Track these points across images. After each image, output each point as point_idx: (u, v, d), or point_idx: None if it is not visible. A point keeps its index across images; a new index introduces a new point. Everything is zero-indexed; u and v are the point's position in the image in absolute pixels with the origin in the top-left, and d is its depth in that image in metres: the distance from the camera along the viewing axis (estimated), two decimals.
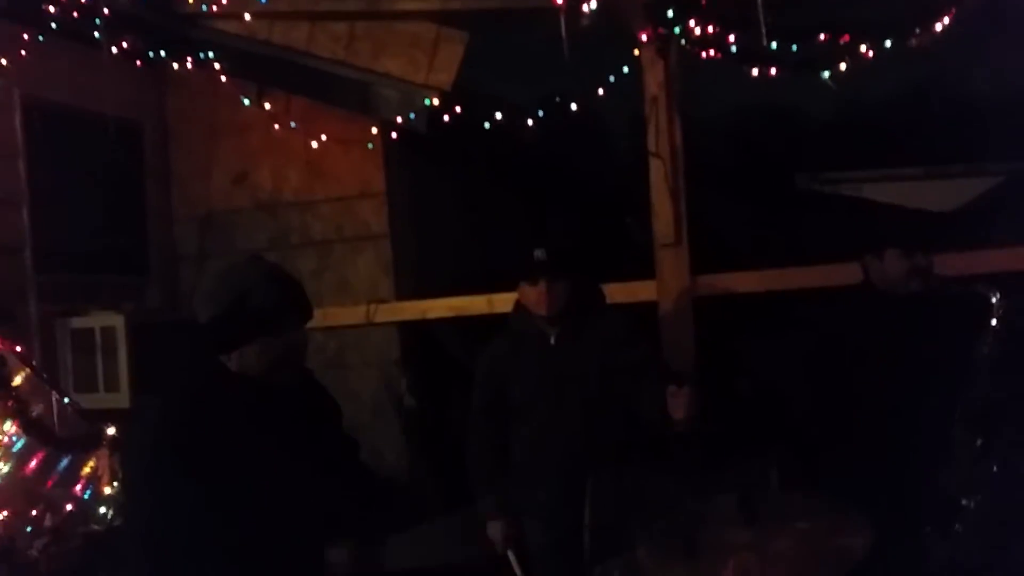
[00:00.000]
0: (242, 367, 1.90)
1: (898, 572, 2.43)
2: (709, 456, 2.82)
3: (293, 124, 3.85)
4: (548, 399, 2.79)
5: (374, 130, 3.80)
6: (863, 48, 3.01)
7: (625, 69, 3.40)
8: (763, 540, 1.82)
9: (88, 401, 3.44)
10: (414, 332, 3.99)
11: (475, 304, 3.77)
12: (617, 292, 3.52)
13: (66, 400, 3.11)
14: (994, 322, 2.35)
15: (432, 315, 3.89)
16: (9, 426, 2.83)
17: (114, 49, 3.58)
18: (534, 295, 2.75)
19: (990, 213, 3.19)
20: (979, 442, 2.38)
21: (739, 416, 3.31)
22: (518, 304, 2.90)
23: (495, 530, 2.86)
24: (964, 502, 2.36)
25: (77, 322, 3.64)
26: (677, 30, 3.23)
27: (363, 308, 3.89)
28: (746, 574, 1.76)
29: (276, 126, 3.91)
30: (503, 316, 3.03)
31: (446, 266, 4.09)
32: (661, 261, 3.55)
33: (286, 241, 4.06)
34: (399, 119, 3.62)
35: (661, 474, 2.55)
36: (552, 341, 2.82)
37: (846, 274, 3.22)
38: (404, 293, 3.98)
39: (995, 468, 2.36)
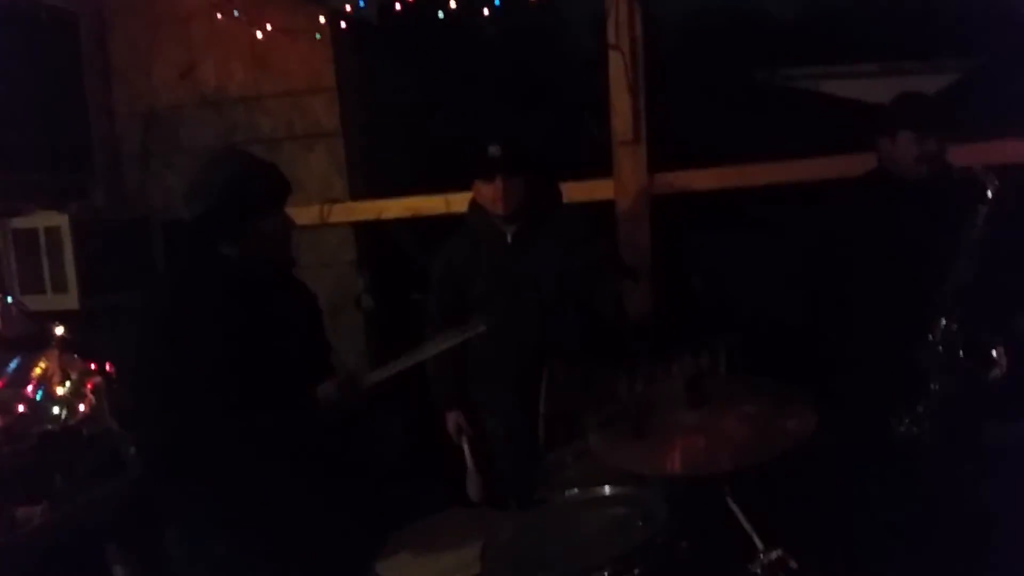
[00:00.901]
0: (243, 252, 1.95)
1: (862, 450, 2.54)
2: (661, 348, 2.87)
3: (236, 13, 3.67)
4: (506, 296, 2.79)
5: (322, 19, 3.64)
6: None
7: None
8: (710, 422, 1.87)
9: (36, 302, 3.37)
10: (370, 232, 3.94)
11: (431, 204, 3.72)
12: (574, 190, 3.49)
13: (10, 300, 3.04)
14: (985, 208, 2.38)
15: (388, 215, 3.84)
16: None
17: None
18: (490, 193, 2.72)
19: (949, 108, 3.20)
20: (954, 326, 2.45)
21: (692, 311, 3.36)
22: (474, 203, 2.87)
23: (451, 422, 2.91)
24: (932, 385, 2.44)
25: (19, 222, 3.52)
26: None
27: (316, 208, 3.82)
28: (693, 454, 1.81)
29: (219, 15, 3.72)
30: (460, 216, 3.00)
31: (401, 165, 4.01)
32: (619, 159, 3.52)
33: (233, 139, 3.93)
34: (348, 7, 3.47)
35: (614, 365, 2.59)
36: (509, 239, 2.80)
37: (807, 170, 3.25)
38: (358, 193, 3.91)
39: (962, 353, 2.44)
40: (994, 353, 2.43)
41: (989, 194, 2.37)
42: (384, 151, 4.00)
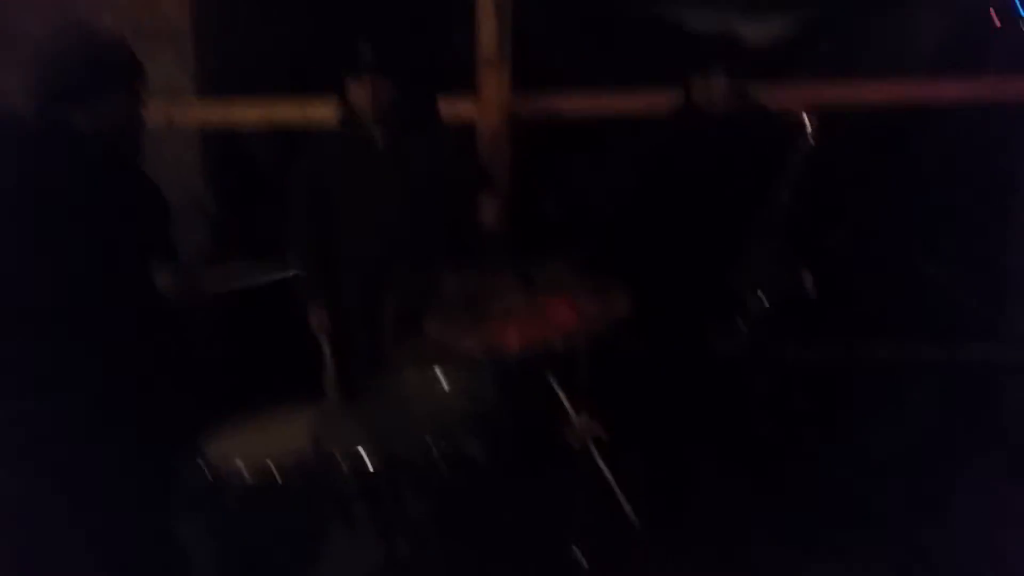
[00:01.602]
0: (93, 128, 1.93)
1: (684, 363, 2.69)
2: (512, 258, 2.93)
3: None
4: (370, 201, 2.77)
5: None
6: None
7: None
8: (541, 309, 1.94)
9: None
10: (219, 138, 3.78)
11: (287, 110, 3.60)
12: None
13: None
14: (801, 145, 2.53)
15: (238, 120, 3.69)
16: None
17: None
18: (363, 94, 2.66)
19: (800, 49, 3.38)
20: (770, 251, 2.60)
21: (543, 232, 3.44)
22: (343, 104, 2.81)
23: (315, 318, 2.89)
24: (748, 304, 2.60)
25: None
26: None
27: (161, 109, 3.61)
28: (526, 337, 1.88)
29: None
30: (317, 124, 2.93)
31: (257, 68, 3.84)
32: (483, 78, 3.51)
33: None
34: None
35: (464, 270, 2.63)
36: (379, 144, 2.77)
37: (667, 99, 3.34)
38: (208, 96, 3.73)
39: (780, 273, 2.60)
40: (804, 276, 2.63)
41: (807, 129, 2.52)
42: (239, 53, 3.83)
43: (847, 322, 3.10)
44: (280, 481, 1.90)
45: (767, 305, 2.60)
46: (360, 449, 1.88)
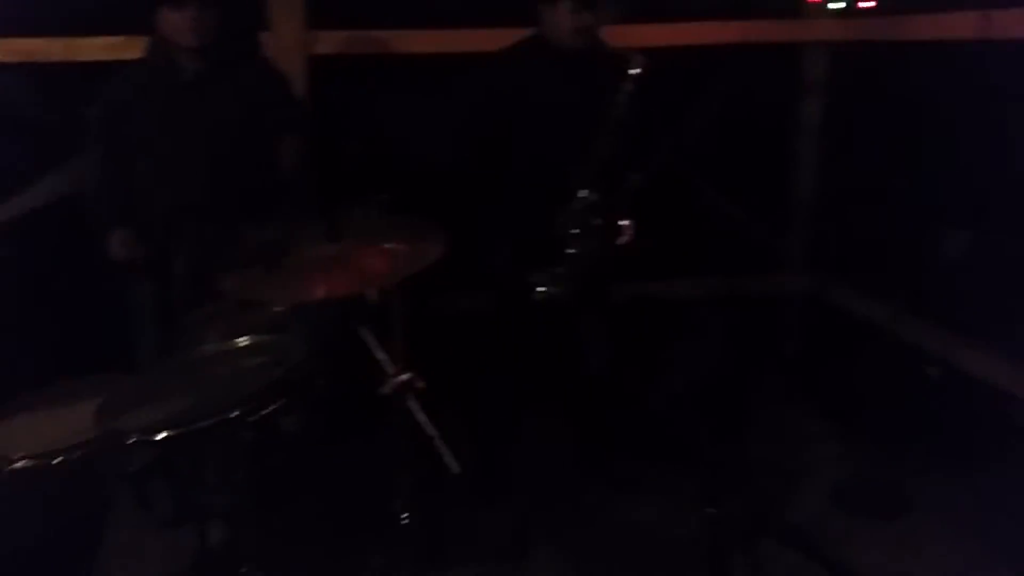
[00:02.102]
0: None
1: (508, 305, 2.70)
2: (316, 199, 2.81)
3: None
4: (176, 139, 2.56)
5: None
6: None
7: None
8: (348, 255, 1.86)
9: None
10: None
11: (50, 48, 3.19)
12: None
13: None
14: (628, 87, 2.51)
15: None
16: None
17: None
18: (179, 21, 2.44)
19: None
20: (592, 197, 2.60)
21: (349, 171, 3.30)
22: (155, 35, 2.55)
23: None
24: (570, 249, 2.60)
25: None
26: None
27: None
28: (332, 283, 1.79)
29: None
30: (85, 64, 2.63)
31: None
32: (275, 12, 3.28)
33: None
34: None
35: (264, 216, 2.48)
36: (190, 77, 2.54)
37: (471, 40, 3.27)
38: None
39: (600, 222, 2.61)
40: (624, 225, 2.68)
41: (633, 73, 2.55)
42: None
43: (647, 261, 3.24)
44: (65, 465, 1.72)
45: (585, 248, 2.63)
46: (154, 424, 1.74)
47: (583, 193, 2.62)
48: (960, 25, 2.91)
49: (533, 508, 2.70)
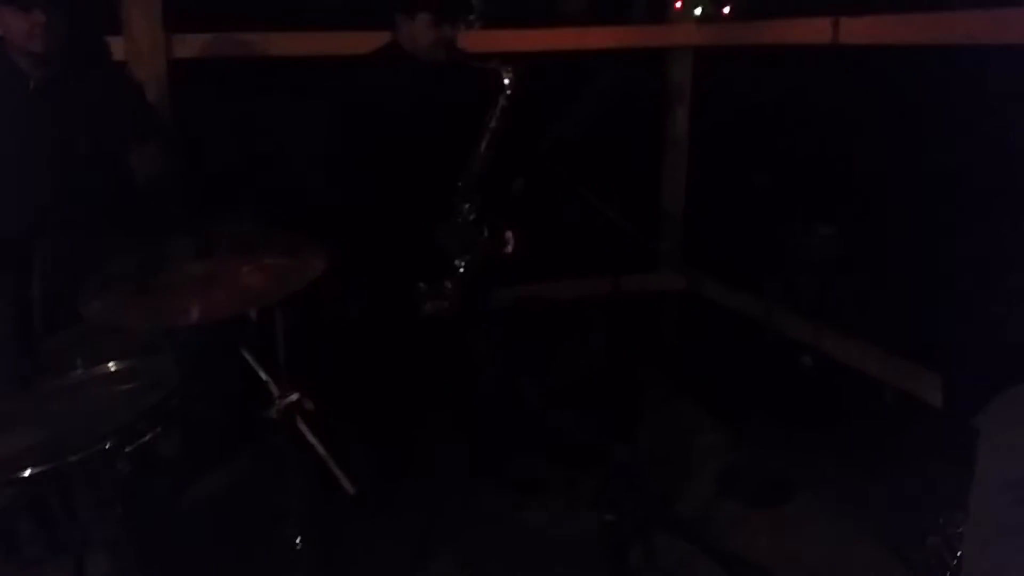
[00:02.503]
0: None
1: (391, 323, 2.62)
2: (184, 212, 2.65)
3: None
4: (22, 151, 2.35)
5: None
6: None
7: None
8: (223, 273, 1.76)
9: None
10: None
11: None
12: None
13: None
14: (502, 99, 2.50)
15: None
16: None
17: None
18: (25, 25, 2.22)
19: None
20: (472, 209, 2.58)
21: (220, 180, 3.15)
22: None
23: None
24: (456, 263, 2.58)
25: None
26: None
27: None
28: (208, 303, 1.68)
29: None
30: None
31: None
32: (129, 14, 3.09)
33: None
34: None
35: (127, 231, 2.32)
36: (31, 86, 2.33)
37: (334, 43, 3.18)
38: None
39: (485, 233, 2.60)
40: (507, 234, 2.68)
41: (506, 83, 2.53)
42: None
43: (529, 266, 3.25)
44: None
45: (471, 261, 2.60)
46: (19, 458, 1.58)
47: (464, 206, 2.61)
48: (813, 31, 3.09)
49: (430, 517, 2.65)
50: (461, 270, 2.60)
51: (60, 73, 2.36)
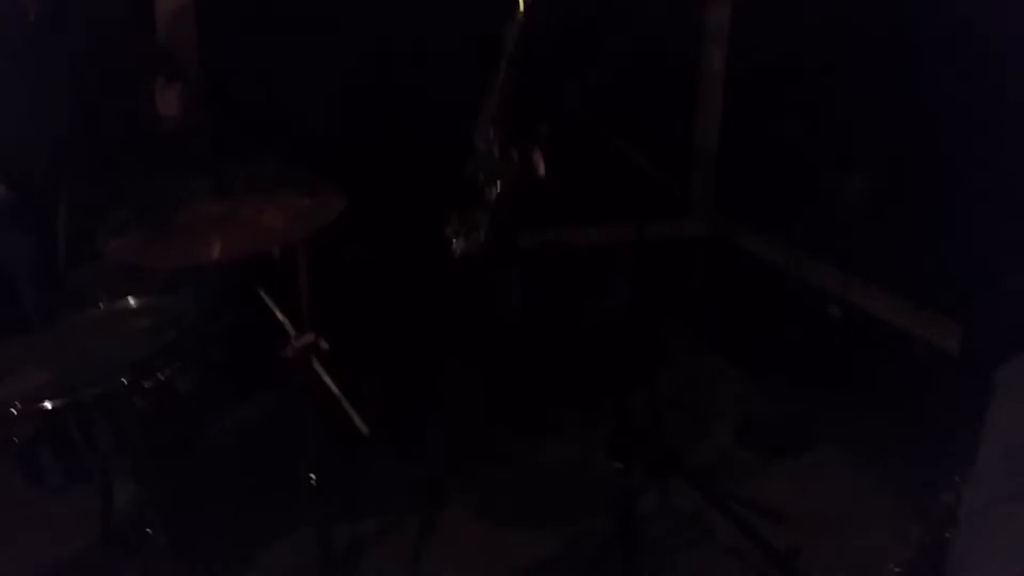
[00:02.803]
0: None
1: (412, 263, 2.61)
2: (206, 154, 2.65)
3: None
4: (25, 87, 2.36)
5: None
6: None
7: None
8: (243, 212, 1.75)
9: None
10: None
11: None
12: None
13: None
14: (519, 19, 2.38)
15: None
16: None
17: None
18: None
19: None
20: (496, 136, 2.45)
21: (242, 117, 3.13)
22: None
23: None
24: (487, 192, 2.46)
25: None
26: None
27: None
28: (228, 242, 1.68)
29: None
30: None
31: None
32: None
33: None
34: None
35: (148, 172, 2.33)
36: (32, 18, 2.33)
37: None
38: None
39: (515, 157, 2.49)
40: (536, 155, 2.56)
41: (521, 5, 2.46)
42: None
43: (554, 209, 3.20)
44: None
45: (503, 188, 2.54)
46: (40, 391, 1.61)
47: (488, 133, 2.54)
48: None
49: (445, 458, 2.68)
50: (493, 199, 2.52)
51: (58, 4, 2.34)
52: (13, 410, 1.58)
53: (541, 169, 2.60)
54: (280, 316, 1.69)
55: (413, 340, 2.72)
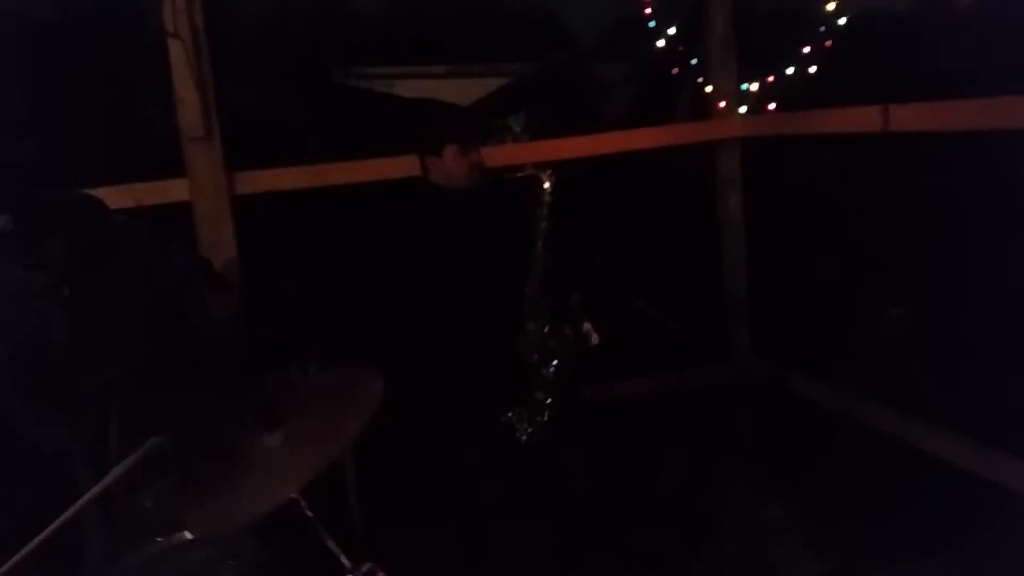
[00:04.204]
0: None
1: (484, 452, 2.57)
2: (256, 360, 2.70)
3: None
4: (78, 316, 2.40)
5: None
6: None
7: None
8: (296, 432, 1.77)
9: None
10: None
11: None
12: (147, 193, 3.19)
13: None
14: (547, 198, 2.52)
15: None
16: None
17: None
18: None
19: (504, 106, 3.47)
20: (543, 313, 2.55)
21: (284, 314, 3.22)
22: None
23: None
24: (543, 372, 2.52)
25: None
26: None
27: None
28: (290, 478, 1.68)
29: None
30: None
31: None
32: (192, 157, 3.24)
33: None
34: None
35: (198, 393, 2.36)
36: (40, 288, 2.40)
37: (392, 168, 3.27)
38: None
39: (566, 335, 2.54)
40: (585, 327, 2.60)
41: (546, 186, 2.55)
42: None
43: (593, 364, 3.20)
44: None
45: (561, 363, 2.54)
46: None
47: (536, 312, 2.57)
48: (863, 119, 3.05)
49: None
50: (551, 378, 2.54)
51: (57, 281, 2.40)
52: None
53: (594, 339, 2.61)
54: (332, 547, 1.65)
55: (474, 535, 2.65)
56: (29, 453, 2.37)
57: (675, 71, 3.68)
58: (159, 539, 1.87)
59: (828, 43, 3.32)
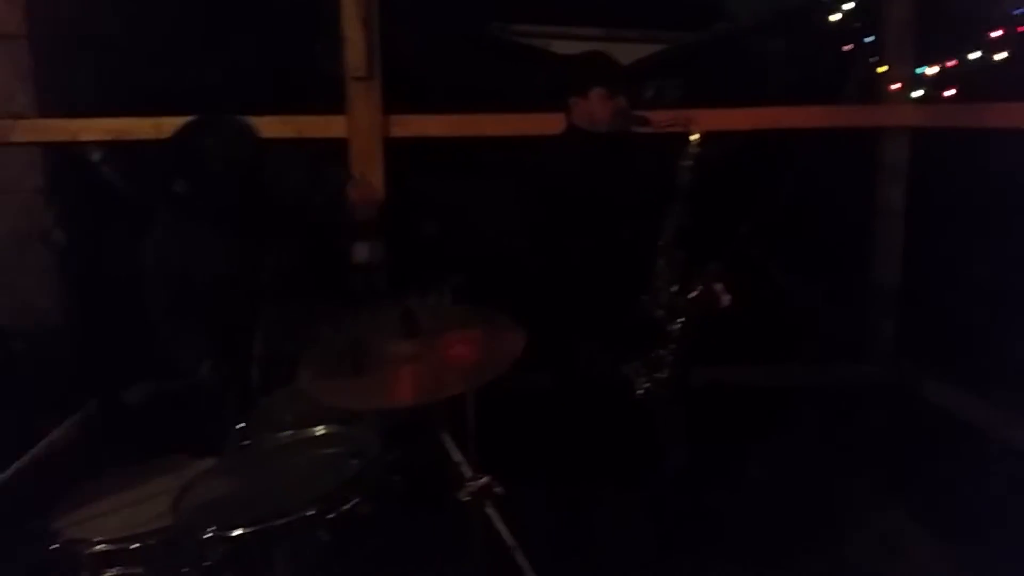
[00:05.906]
0: None
1: (605, 402, 2.57)
2: (389, 290, 2.78)
3: None
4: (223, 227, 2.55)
5: None
6: None
7: None
8: (427, 350, 1.81)
9: None
10: (63, 155, 3.42)
11: (139, 127, 3.31)
12: (307, 126, 3.35)
13: None
14: (692, 152, 2.46)
15: (85, 137, 3.35)
16: None
17: None
18: None
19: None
20: (674, 269, 2.51)
21: (424, 254, 3.30)
22: None
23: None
24: (669, 328, 2.48)
25: None
26: None
27: None
28: (417, 383, 1.73)
29: None
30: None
31: (103, 79, 3.51)
32: (353, 95, 3.37)
33: None
34: None
35: (334, 303, 2.46)
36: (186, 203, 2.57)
37: (538, 123, 3.29)
38: (48, 109, 3.38)
39: (696, 293, 2.49)
40: (717, 287, 2.53)
41: (692, 139, 2.47)
42: (82, 61, 3.48)
43: (723, 348, 3.11)
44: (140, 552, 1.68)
45: (687, 321, 2.48)
46: (232, 518, 1.68)
47: (666, 267, 2.52)
48: None
49: None
50: (676, 335, 2.49)
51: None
52: (205, 536, 1.65)
53: (725, 300, 2.53)
54: (456, 457, 1.70)
55: (582, 471, 2.64)
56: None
57: (848, 48, 3.51)
58: (289, 428, 1.97)
59: (1022, 28, 3.06)
